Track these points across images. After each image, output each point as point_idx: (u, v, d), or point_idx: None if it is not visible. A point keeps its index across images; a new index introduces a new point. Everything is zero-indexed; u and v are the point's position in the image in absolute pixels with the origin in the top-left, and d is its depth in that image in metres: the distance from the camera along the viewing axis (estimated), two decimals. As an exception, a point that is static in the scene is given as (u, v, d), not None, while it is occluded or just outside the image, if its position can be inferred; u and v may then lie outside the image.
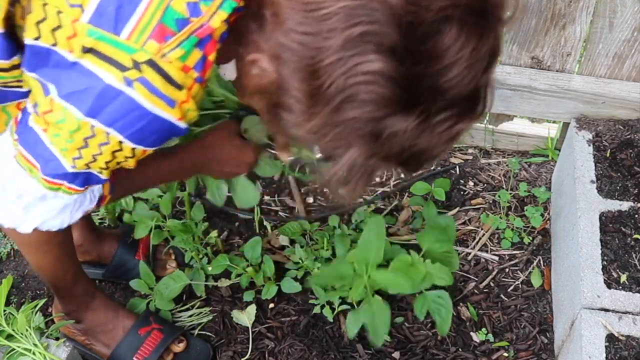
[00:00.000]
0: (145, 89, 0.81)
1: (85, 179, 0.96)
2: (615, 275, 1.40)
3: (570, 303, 1.45)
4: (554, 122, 1.90)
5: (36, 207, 1.00)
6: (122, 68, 0.80)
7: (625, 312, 1.35)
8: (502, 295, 1.66)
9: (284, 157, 1.19)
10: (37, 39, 0.83)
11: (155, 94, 0.82)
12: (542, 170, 1.89)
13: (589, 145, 1.64)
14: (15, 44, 0.88)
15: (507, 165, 1.92)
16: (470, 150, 1.97)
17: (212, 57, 0.83)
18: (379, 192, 1.88)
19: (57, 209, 1.01)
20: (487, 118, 1.90)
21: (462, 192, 1.87)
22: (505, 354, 1.56)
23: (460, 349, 1.57)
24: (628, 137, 1.67)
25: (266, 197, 1.87)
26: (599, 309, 1.35)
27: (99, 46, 0.79)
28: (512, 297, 1.66)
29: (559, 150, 1.84)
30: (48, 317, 1.53)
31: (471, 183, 1.89)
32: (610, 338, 1.31)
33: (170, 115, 0.85)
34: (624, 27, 1.59)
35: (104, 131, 0.86)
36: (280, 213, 1.83)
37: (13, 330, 1.30)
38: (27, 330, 1.31)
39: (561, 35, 1.64)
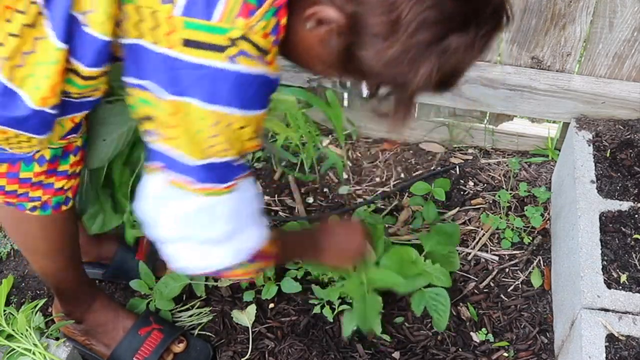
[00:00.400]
0: (247, 58, 0.88)
1: (224, 172, 0.98)
2: (615, 275, 1.40)
3: (570, 303, 1.45)
4: (554, 122, 1.90)
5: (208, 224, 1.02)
6: (221, 49, 0.87)
7: (625, 312, 1.35)
8: (502, 295, 1.66)
9: None
10: (138, 37, 0.89)
11: (253, 59, 0.89)
12: (542, 170, 1.89)
13: (589, 145, 1.64)
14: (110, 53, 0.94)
15: (507, 165, 1.92)
16: (470, 150, 1.97)
17: (283, 21, 0.91)
18: (379, 192, 1.88)
19: (225, 216, 1.01)
20: (487, 118, 1.90)
21: (462, 192, 1.87)
22: (505, 354, 1.56)
23: (460, 349, 1.57)
24: (628, 137, 1.67)
25: (266, 197, 1.87)
26: (599, 309, 1.35)
27: (195, 35, 0.86)
28: (512, 297, 1.66)
29: (559, 150, 1.84)
30: (48, 317, 1.53)
31: (471, 183, 1.89)
32: (610, 338, 1.31)
33: (266, 70, 0.92)
34: (624, 27, 1.59)
35: (224, 113, 0.91)
36: (280, 213, 1.83)
37: (13, 330, 1.30)
38: (27, 330, 1.31)
39: (561, 35, 1.64)
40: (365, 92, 1.00)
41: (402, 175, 1.93)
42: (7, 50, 0.87)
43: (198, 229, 1.02)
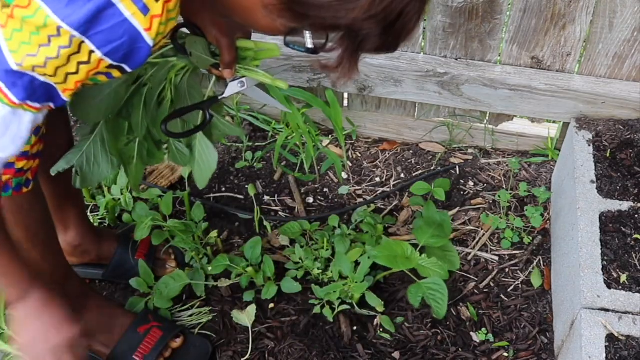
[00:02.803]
0: None
1: (28, 87, 0.89)
2: (615, 275, 1.40)
3: (570, 303, 1.45)
4: (554, 122, 1.90)
5: None
6: None
7: (625, 312, 1.35)
8: (502, 295, 1.66)
9: (228, 75, 1.19)
10: None
11: (136, 4, 0.82)
12: (542, 170, 1.89)
13: (589, 145, 1.64)
14: None
15: (507, 165, 1.92)
16: (470, 150, 1.97)
17: None
18: (379, 192, 1.88)
19: None
20: (487, 118, 1.90)
21: (462, 192, 1.87)
22: (505, 354, 1.56)
23: (460, 349, 1.57)
24: (628, 137, 1.67)
25: (266, 197, 1.87)
26: (599, 309, 1.35)
27: None
28: (512, 297, 1.66)
29: (559, 150, 1.84)
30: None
31: (471, 183, 1.89)
32: (610, 338, 1.31)
33: (139, 23, 0.84)
34: (624, 27, 1.59)
35: (73, 36, 0.83)
36: (280, 213, 1.84)
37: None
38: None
39: (561, 35, 1.64)
40: (309, 43, 0.94)
41: (402, 175, 1.93)
42: None
43: None
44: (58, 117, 1.39)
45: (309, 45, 0.94)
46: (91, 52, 0.86)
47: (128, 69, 0.91)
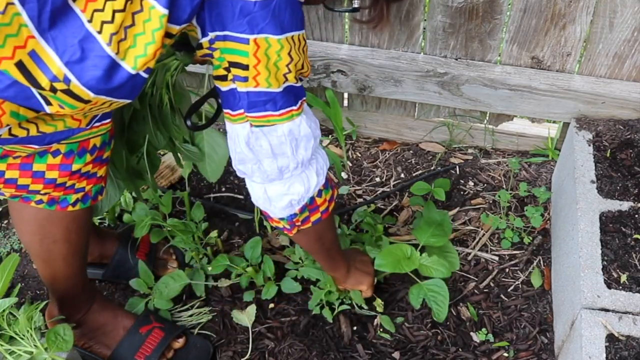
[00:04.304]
0: None
1: (290, 94, 1.07)
2: (615, 275, 1.40)
3: (570, 303, 1.45)
4: (554, 122, 1.90)
5: (299, 147, 1.12)
6: None
7: (625, 312, 1.35)
8: (502, 295, 1.66)
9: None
10: None
11: None
12: (542, 170, 1.90)
13: (589, 145, 1.64)
14: None
15: (507, 165, 1.92)
16: (470, 150, 1.97)
17: None
18: (379, 192, 1.88)
19: (305, 137, 1.12)
20: (487, 118, 1.90)
21: (462, 192, 1.87)
22: (505, 354, 1.56)
23: (460, 349, 1.57)
24: (628, 137, 1.67)
25: (266, 197, 1.87)
26: (599, 309, 1.35)
27: None
28: (512, 297, 1.66)
29: (559, 150, 1.84)
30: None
31: (471, 183, 1.89)
32: (611, 338, 1.31)
33: None
34: (624, 27, 1.59)
35: (292, 36, 1.00)
36: (280, 213, 1.83)
37: (15, 332, 1.30)
38: (28, 331, 1.31)
39: (561, 35, 1.64)
40: (356, 2, 1.13)
41: (402, 175, 1.93)
42: (114, 26, 0.89)
43: (290, 154, 1.12)
44: None
45: (356, 4, 1.13)
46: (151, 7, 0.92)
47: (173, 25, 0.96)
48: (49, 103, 0.93)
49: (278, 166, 1.12)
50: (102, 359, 1.50)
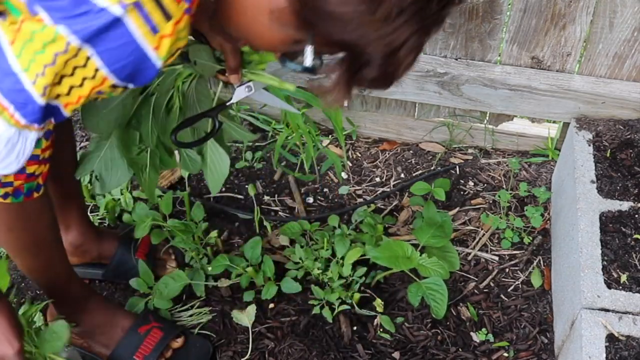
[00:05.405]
0: (139, 16, 0.79)
1: (37, 110, 0.87)
2: (616, 275, 1.40)
3: (570, 303, 1.45)
4: (554, 122, 1.90)
5: None
6: None
7: (625, 312, 1.35)
8: (502, 295, 1.66)
9: (234, 80, 1.19)
10: None
11: (145, 20, 0.80)
12: (542, 170, 1.89)
13: (589, 145, 1.64)
14: None
15: (507, 165, 1.92)
16: (470, 150, 1.97)
17: None
18: (379, 192, 1.88)
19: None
20: (487, 118, 1.90)
21: (462, 192, 1.87)
22: (505, 354, 1.56)
23: (460, 349, 1.57)
24: (628, 137, 1.67)
25: (266, 197, 1.87)
26: (599, 309, 1.35)
27: None
28: (512, 297, 1.66)
29: (559, 150, 1.84)
30: (48, 317, 1.53)
31: (471, 183, 1.89)
32: (611, 338, 1.31)
33: (148, 43, 0.82)
34: (624, 27, 1.59)
35: (81, 49, 0.81)
36: (280, 213, 1.83)
37: None
38: (27, 331, 1.30)
39: (561, 35, 1.64)
40: (309, 60, 0.89)
41: (402, 175, 1.92)
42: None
43: None
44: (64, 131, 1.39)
45: (308, 63, 0.89)
46: (97, 69, 0.84)
47: (132, 87, 0.89)
48: None
49: None
50: (101, 358, 1.50)
